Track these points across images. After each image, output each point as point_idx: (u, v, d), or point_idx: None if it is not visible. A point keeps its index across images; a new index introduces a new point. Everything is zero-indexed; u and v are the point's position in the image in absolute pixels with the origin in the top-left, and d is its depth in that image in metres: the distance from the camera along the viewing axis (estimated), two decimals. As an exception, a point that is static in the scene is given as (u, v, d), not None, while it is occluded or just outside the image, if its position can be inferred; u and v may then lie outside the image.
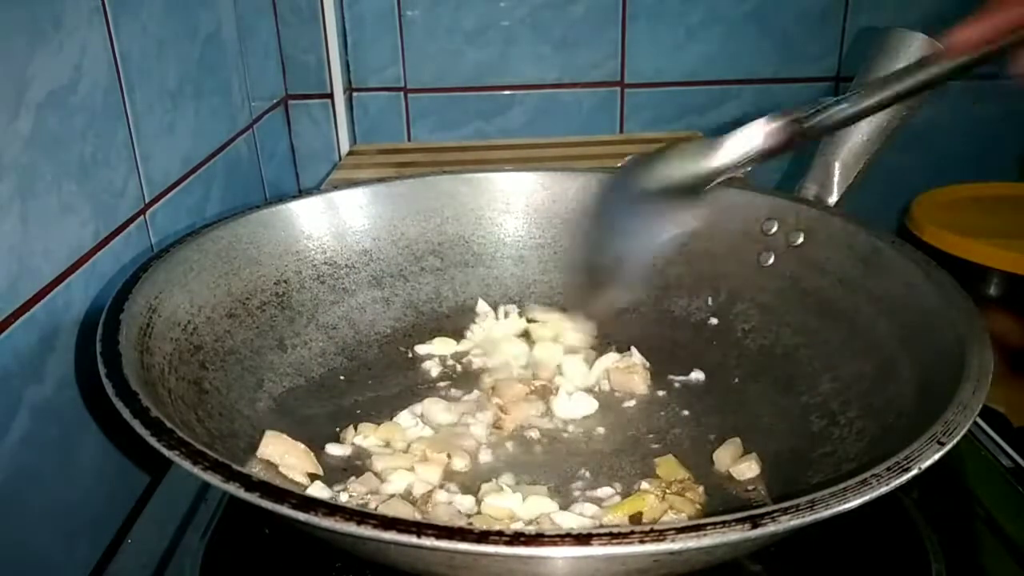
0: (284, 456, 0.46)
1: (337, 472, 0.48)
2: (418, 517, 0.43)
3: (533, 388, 0.55)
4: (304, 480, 0.46)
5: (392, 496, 0.45)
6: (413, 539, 0.29)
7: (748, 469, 0.47)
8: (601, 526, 0.43)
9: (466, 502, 0.45)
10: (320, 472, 0.47)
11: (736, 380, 0.56)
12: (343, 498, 0.45)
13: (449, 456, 0.48)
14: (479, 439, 0.51)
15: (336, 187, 0.63)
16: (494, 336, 0.61)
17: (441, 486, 0.47)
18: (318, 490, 0.45)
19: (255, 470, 0.44)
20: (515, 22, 1.01)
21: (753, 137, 0.47)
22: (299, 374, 0.55)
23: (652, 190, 0.48)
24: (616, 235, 0.50)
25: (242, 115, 0.84)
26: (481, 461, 0.49)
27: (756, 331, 0.58)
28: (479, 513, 0.44)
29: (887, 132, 0.58)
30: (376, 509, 0.43)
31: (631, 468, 0.49)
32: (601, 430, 0.52)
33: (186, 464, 0.33)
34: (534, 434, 0.51)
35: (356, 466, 0.49)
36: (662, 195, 0.48)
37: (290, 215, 0.60)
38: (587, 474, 0.48)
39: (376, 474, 0.47)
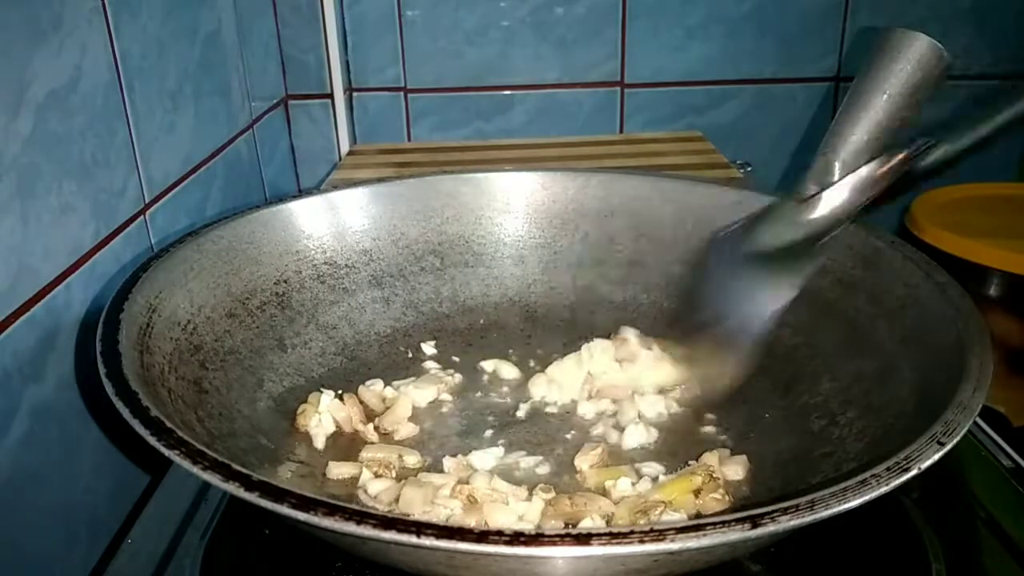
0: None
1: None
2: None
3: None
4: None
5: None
6: (413, 539, 0.29)
7: (734, 472, 0.47)
8: (607, 525, 0.43)
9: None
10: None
11: (736, 380, 0.56)
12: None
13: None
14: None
15: (336, 187, 0.63)
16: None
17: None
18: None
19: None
20: (515, 22, 1.01)
21: (860, 185, 0.44)
22: (299, 374, 0.55)
23: (760, 253, 0.45)
24: (727, 303, 0.46)
25: (242, 115, 0.84)
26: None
27: (756, 331, 0.58)
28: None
29: (887, 132, 0.58)
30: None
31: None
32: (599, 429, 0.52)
33: (186, 464, 0.33)
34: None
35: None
36: (771, 257, 0.45)
37: (290, 215, 0.60)
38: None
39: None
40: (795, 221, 0.45)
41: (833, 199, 0.44)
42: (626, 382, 0.55)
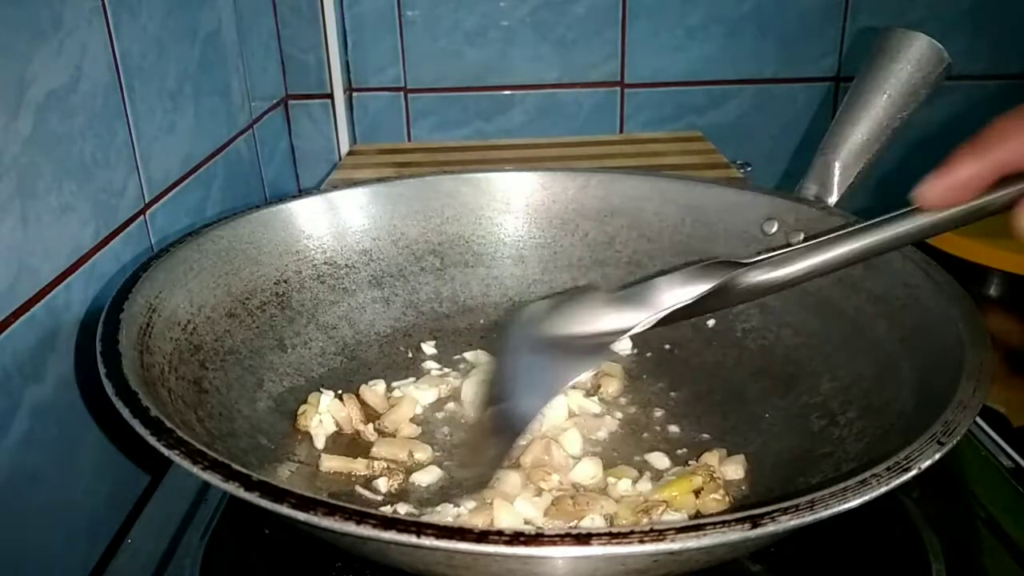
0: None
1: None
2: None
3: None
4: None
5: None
6: (413, 539, 0.29)
7: (733, 472, 0.47)
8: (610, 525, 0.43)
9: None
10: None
11: (736, 380, 0.56)
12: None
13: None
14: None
15: (336, 187, 0.63)
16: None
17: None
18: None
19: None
20: (515, 22, 1.01)
21: (670, 294, 0.41)
22: (299, 374, 0.55)
23: (554, 339, 0.44)
24: (516, 382, 0.44)
25: (242, 115, 0.84)
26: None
27: (756, 331, 0.58)
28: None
29: (887, 132, 0.58)
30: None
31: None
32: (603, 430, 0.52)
33: (186, 463, 0.33)
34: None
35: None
36: (565, 345, 0.44)
37: (290, 215, 0.60)
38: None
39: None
40: (603, 313, 0.44)
41: (646, 301, 0.42)
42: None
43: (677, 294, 0.41)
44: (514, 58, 1.02)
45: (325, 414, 0.51)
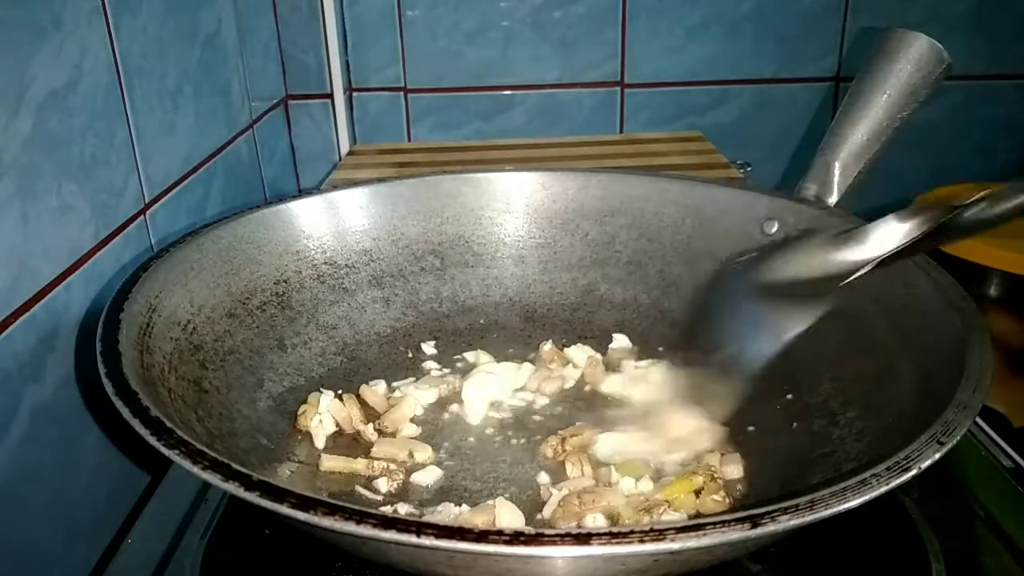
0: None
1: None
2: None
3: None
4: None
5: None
6: (412, 538, 0.29)
7: (731, 471, 0.47)
8: (609, 525, 0.43)
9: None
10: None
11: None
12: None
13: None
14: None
15: (336, 187, 0.63)
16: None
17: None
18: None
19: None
20: (515, 22, 1.01)
21: (890, 234, 0.43)
22: (299, 374, 0.55)
23: (776, 284, 0.45)
24: (737, 327, 0.46)
25: (242, 115, 0.84)
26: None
27: (756, 331, 0.58)
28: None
29: (887, 132, 0.58)
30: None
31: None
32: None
33: (186, 463, 0.33)
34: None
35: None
36: (785, 290, 0.45)
37: (290, 215, 0.60)
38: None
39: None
40: (822, 257, 0.44)
41: (866, 241, 0.43)
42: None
43: (895, 235, 0.42)
44: (514, 58, 1.02)
45: (325, 414, 0.51)
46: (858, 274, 0.44)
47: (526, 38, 1.01)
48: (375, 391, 0.55)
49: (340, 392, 0.53)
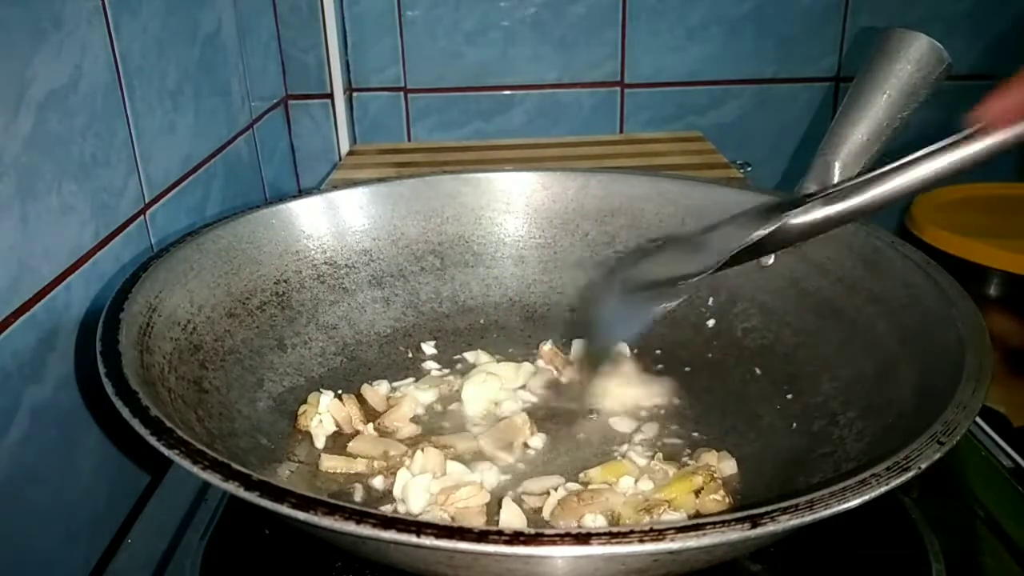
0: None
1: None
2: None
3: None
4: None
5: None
6: (412, 538, 0.29)
7: (728, 467, 0.48)
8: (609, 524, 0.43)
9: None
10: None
11: (736, 380, 0.56)
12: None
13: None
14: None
15: (336, 187, 0.63)
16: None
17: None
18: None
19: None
20: (515, 22, 1.01)
21: (734, 238, 0.45)
22: (299, 374, 0.55)
23: (636, 286, 0.50)
24: (605, 325, 0.52)
25: (242, 115, 0.84)
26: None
27: (756, 331, 0.58)
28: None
29: (887, 132, 0.58)
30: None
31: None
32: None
33: (185, 463, 0.33)
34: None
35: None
36: (645, 290, 0.50)
37: (290, 215, 0.60)
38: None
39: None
40: (678, 261, 0.49)
41: (710, 249, 0.46)
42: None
43: (738, 238, 0.44)
44: (514, 58, 1.02)
45: (325, 414, 0.51)
46: (704, 276, 0.47)
47: (526, 38, 1.01)
48: (376, 391, 0.55)
49: (340, 392, 0.53)
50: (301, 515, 0.30)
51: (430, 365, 0.59)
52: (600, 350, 0.53)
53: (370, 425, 0.52)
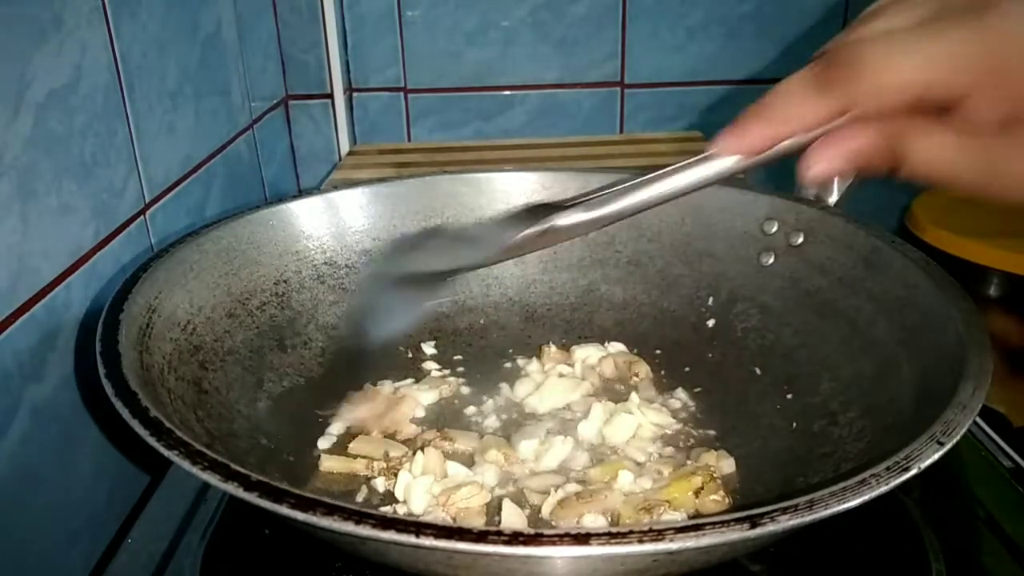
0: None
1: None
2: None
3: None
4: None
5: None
6: (412, 538, 0.29)
7: (727, 466, 0.48)
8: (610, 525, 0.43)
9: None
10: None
11: (736, 380, 0.56)
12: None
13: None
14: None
15: (336, 187, 0.63)
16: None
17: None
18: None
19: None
20: (515, 22, 1.01)
21: (505, 235, 0.45)
22: (299, 374, 0.55)
23: (401, 278, 0.49)
24: (370, 319, 0.51)
25: (242, 115, 0.84)
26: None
27: (756, 331, 0.58)
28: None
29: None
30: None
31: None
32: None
33: (185, 464, 0.33)
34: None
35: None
36: (410, 282, 0.49)
37: (290, 215, 0.60)
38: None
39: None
40: (445, 253, 0.49)
41: (482, 242, 0.46)
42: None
43: (507, 236, 0.44)
44: (514, 58, 1.02)
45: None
46: (465, 271, 0.49)
47: (526, 38, 1.01)
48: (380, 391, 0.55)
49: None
50: (300, 515, 0.30)
51: (430, 365, 0.59)
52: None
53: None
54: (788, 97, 0.36)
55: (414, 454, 0.48)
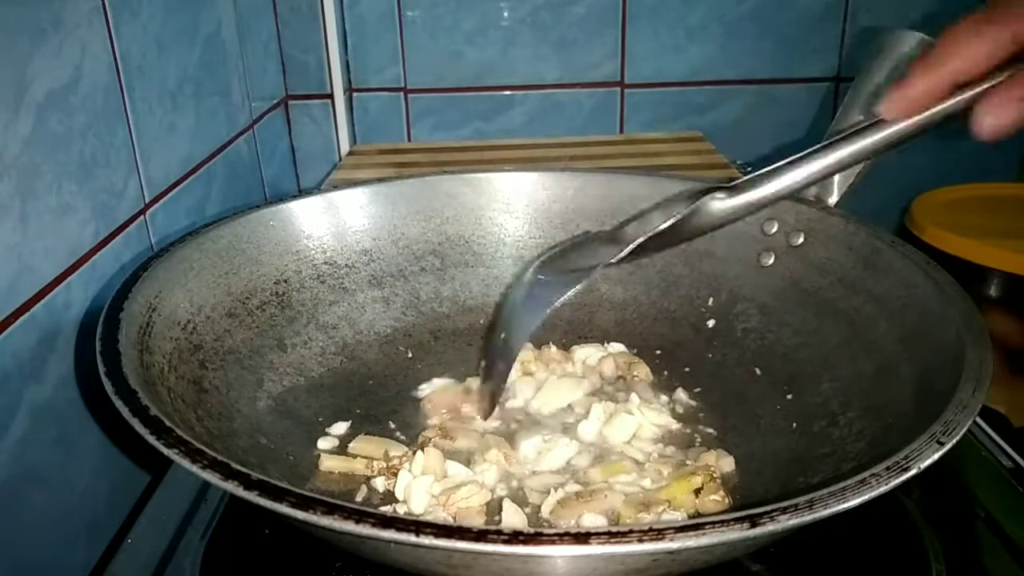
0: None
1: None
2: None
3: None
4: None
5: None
6: (411, 537, 0.29)
7: (726, 465, 0.48)
8: (610, 523, 0.43)
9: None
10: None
11: (736, 380, 0.56)
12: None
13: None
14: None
15: (336, 187, 0.63)
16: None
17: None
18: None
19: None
20: (515, 22, 1.01)
21: (650, 225, 0.44)
22: (299, 374, 0.55)
23: (546, 277, 0.49)
24: (513, 318, 0.51)
25: (242, 115, 0.84)
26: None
27: (756, 331, 0.58)
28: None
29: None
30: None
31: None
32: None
33: (185, 462, 0.33)
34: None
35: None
36: (555, 280, 0.49)
37: (290, 215, 0.60)
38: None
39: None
40: (589, 250, 0.48)
41: (626, 234, 0.46)
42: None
43: (652, 224, 0.44)
44: (514, 58, 1.02)
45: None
46: (614, 261, 0.47)
47: (526, 38, 1.01)
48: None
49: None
50: (300, 514, 0.30)
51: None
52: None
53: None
54: (955, 38, 0.37)
55: (414, 453, 0.48)
